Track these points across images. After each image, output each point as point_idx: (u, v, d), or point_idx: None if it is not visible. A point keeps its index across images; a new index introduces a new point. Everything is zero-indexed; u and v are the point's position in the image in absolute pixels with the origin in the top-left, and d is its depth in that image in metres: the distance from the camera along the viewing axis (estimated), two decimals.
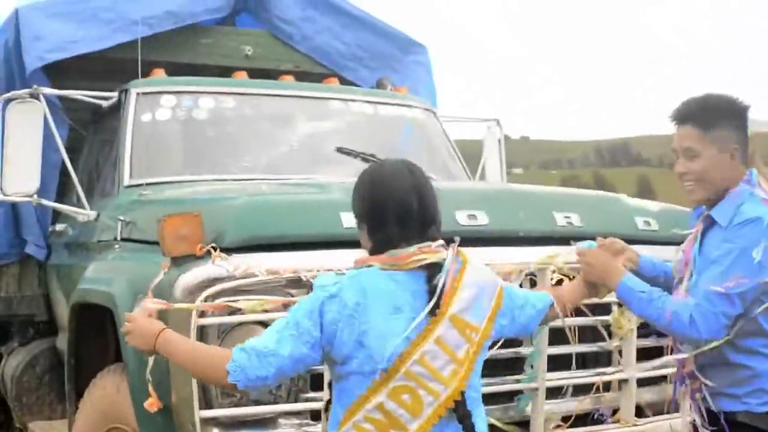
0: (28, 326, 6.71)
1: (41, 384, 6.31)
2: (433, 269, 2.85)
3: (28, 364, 6.33)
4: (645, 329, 4.29)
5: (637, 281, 3.40)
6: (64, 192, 6.07)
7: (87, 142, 6.22)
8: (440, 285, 2.83)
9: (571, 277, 3.93)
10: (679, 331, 3.28)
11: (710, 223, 3.37)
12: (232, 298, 3.45)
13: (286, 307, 3.34)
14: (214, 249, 3.53)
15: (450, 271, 2.86)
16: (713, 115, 3.35)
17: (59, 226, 6.03)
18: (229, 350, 2.80)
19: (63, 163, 5.75)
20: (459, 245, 2.97)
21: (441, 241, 2.92)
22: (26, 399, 6.28)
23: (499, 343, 3.69)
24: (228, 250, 3.58)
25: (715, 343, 3.24)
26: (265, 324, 3.53)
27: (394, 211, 2.88)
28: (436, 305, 2.81)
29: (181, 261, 3.56)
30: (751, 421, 3.27)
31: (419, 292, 2.84)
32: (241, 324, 3.52)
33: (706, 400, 3.36)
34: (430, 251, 2.87)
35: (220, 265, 3.46)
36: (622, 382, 4.22)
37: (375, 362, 2.77)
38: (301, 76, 6.51)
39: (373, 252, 2.91)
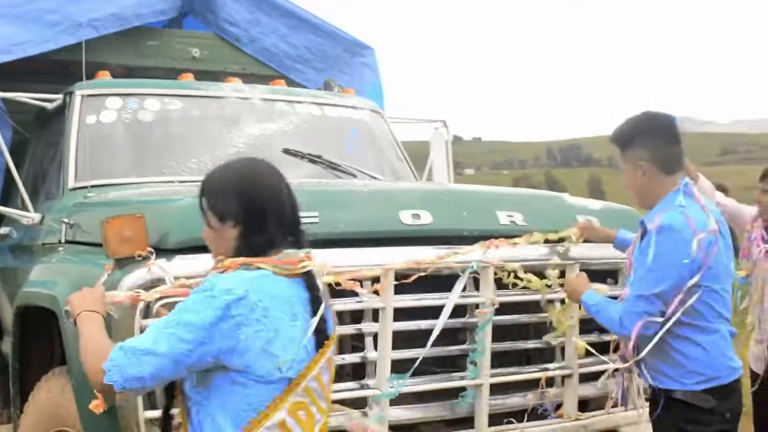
0: None
1: None
2: (309, 278, 2.78)
3: None
4: (587, 326, 4.36)
5: (594, 297, 3.87)
6: (7, 195, 5.99)
7: (31, 145, 6.15)
8: (321, 297, 2.78)
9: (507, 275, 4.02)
10: (616, 331, 3.82)
11: (645, 229, 3.71)
12: (175, 300, 3.44)
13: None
14: (152, 252, 3.52)
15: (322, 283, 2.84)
16: (627, 136, 3.84)
17: (3, 230, 5.93)
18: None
19: (6, 166, 5.71)
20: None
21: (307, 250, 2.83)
22: None
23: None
24: (171, 251, 3.59)
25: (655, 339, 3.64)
26: None
27: (275, 212, 2.77)
28: (322, 321, 2.74)
29: (124, 263, 3.55)
30: (687, 398, 3.67)
31: (304, 301, 2.75)
32: None
33: (645, 378, 3.79)
34: (309, 257, 2.80)
35: (159, 268, 3.45)
36: (566, 378, 4.28)
37: (280, 370, 2.65)
38: (249, 79, 6.49)
39: (246, 254, 2.74)
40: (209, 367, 2.64)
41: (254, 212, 2.75)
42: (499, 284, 4.08)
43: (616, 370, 4.02)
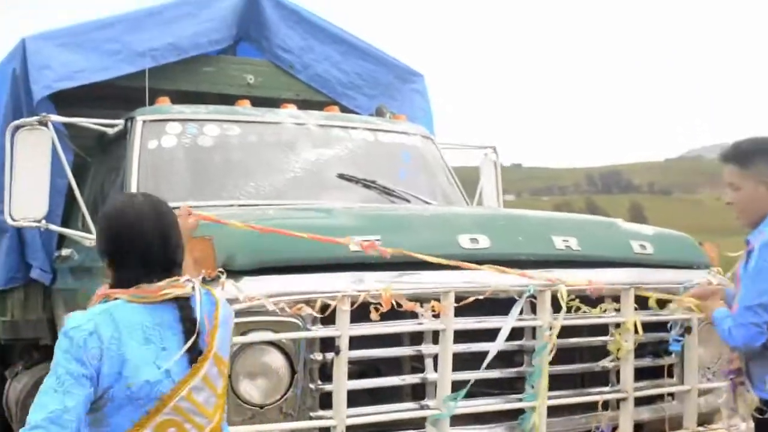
0: (32, 350, 6.79)
1: None
2: (183, 303, 2.89)
3: (33, 386, 6.40)
4: (642, 350, 4.42)
5: (720, 311, 4.02)
6: (67, 217, 6.17)
7: (91, 168, 6.33)
8: (199, 322, 2.89)
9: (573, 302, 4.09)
10: (729, 343, 3.99)
11: (751, 246, 3.94)
12: (244, 319, 3.56)
13: None
14: (222, 273, 3.64)
15: (203, 308, 2.93)
16: (749, 153, 4.03)
17: (65, 251, 6.12)
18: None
19: (68, 188, 5.87)
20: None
21: (186, 277, 2.96)
22: None
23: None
24: (238, 273, 3.70)
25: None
26: (274, 344, 3.67)
27: (139, 254, 2.90)
28: (196, 343, 2.86)
29: None
30: None
31: (170, 324, 2.86)
32: (251, 344, 3.63)
33: (754, 390, 3.98)
34: (179, 285, 2.90)
35: (228, 289, 3.56)
36: (621, 401, 4.33)
37: (133, 391, 2.77)
38: (302, 105, 6.62)
39: (118, 286, 2.90)
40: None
41: (117, 253, 2.93)
42: (555, 309, 4.14)
43: (731, 380, 4.18)
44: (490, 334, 4.02)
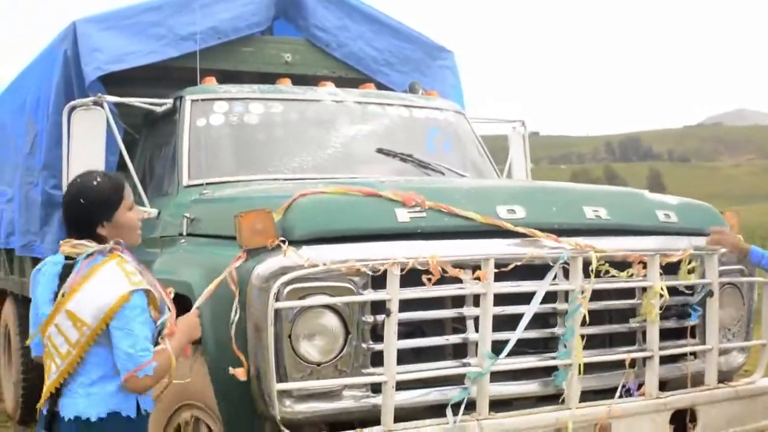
0: None
1: None
2: (69, 261, 3.55)
3: None
4: (667, 312, 4.72)
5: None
6: None
7: (139, 145, 6.63)
8: (68, 280, 3.49)
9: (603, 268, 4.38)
10: None
11: None
12: (302, 285, 3.89)
13: None
14: (284, 242, 3.97)
15: (80, 270, 3.50)
16: None
17: None
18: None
19: (118, 165, 6.20)
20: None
21: (84, 241, 3.57)
22: None
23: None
24: (296, 243, 4.02)
25: None
26: (330, 308, 3.99)
27: (66, 215, 3.68)
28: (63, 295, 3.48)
29: (255, 252, 4.00)
30: None
31: (57, 273, 3.55)
32: (310, 308, 3.96)
33: None
34: (68, 246, 3.58)
35: (290, 257, 3.89)
36: (647, 359, 4.64)
37: (40, 321, 3.54)
38: (338, 81, 6.90)
39: None
40: None
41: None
42: (586, 274, 4.44)
43: None
44: (527, 298, 4.32)
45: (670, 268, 4.72)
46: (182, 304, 4.66)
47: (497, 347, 4.23)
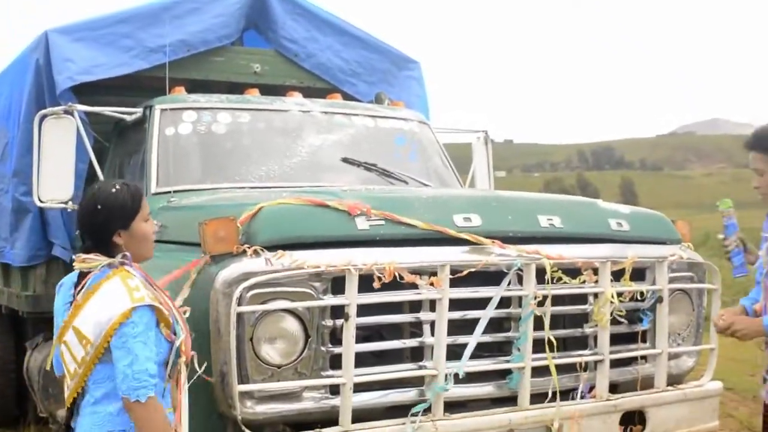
0: (52, 323, 7.20)
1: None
2: (81, 275, 3.48)
3: None
4: (618, 317, 4.89)
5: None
6: None
7: (110, 153, 6.74)
8: (77, 296, 3.43)
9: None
10: None
11: None
12: (264, 290, 4.03)
13: None
14: (249, 247, 4.11)
15: (85, 286, 3.42)
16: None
17: None
18: None
19: (87, 173, 6.31)
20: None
21: (93, 255, 3.47)
22: (52, 389, 6.76)
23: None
24: (259, 249, 4.15)
25: None
26: (291, 312, 4.13)
27: (81, 226, 3.58)
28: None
29: (219, 258, 4.14)
30: None
31: (71, 288, 3.50)
32: (271, 312, 4.09)
33: None
34: (79, 260, 3.49)
35: (252, 263, 4.03)
36: (598, 363, 4.81)
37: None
38: (306, 92, 7.05)
39: None
40: None
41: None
42: (540, 280, 4.60)
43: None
44: (482, 303, 4.49)
45: (622, 275, 4.89)
46: None
47: (453, 350, 4.40)
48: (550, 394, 4.61)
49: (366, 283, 4.15)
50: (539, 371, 4.63)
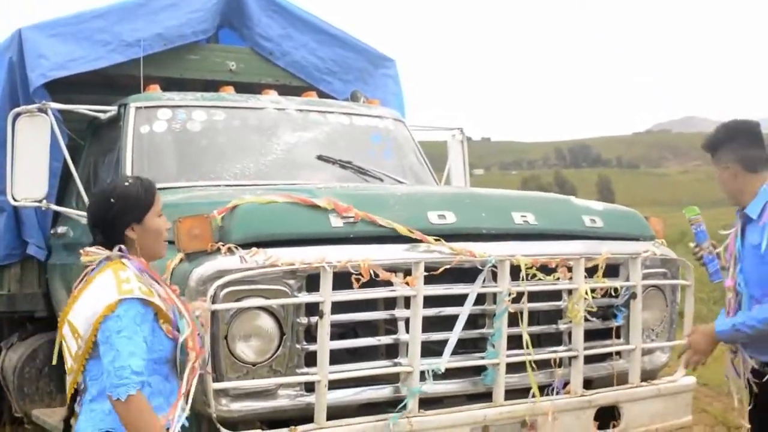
0: (27, 322, 7.18)
1: (41, 375, 6.78)
2: (86, 268, 3.45)
3: (29, 357, 6.81)
4: (593, 314, 4.92)
5: (725, 323, 4.46)
6: (61, 197, 6.56)
7: (84, 151, 6.72)
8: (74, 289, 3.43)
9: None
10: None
11: (747, 219, 4.42)
12: (239, 287, 4.03)
13: None
14: (223, 245, 4.11)
15: (80, 278, 3.43)
16: (714, 143, 4.52)
17: (60, 229, 6.52)
18: None
19: (62, 171, 6.28)
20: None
21: (94, 248, 3.46)
22: (27, 389, 6.77)
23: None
24: (234, 247, 4.15)
25: None
26: (265, 309, 4.13)
27: (93, 218, 3.56)
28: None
29: (193, 256, 4.14)
30: None
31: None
32: (245, 309, 4.09)
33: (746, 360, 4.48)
34: (84, 252, 3.47)
35: (230, 259, 4.03)
36: (572, 359, 4.84)
37: None
38: (281, 90, 7.06)
39: None
40: None
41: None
42: (515, 277, 4.62)
43: (734, 352, 4.60)
44: (457, 300, 4.51)
45: (596, 272, 4.92)
46: None
47: (427, 347, 4.41)
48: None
49: (340, 280, 4.16)
50: (514, 367, 4.66)
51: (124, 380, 3.16)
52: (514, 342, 4.66)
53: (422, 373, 4.35)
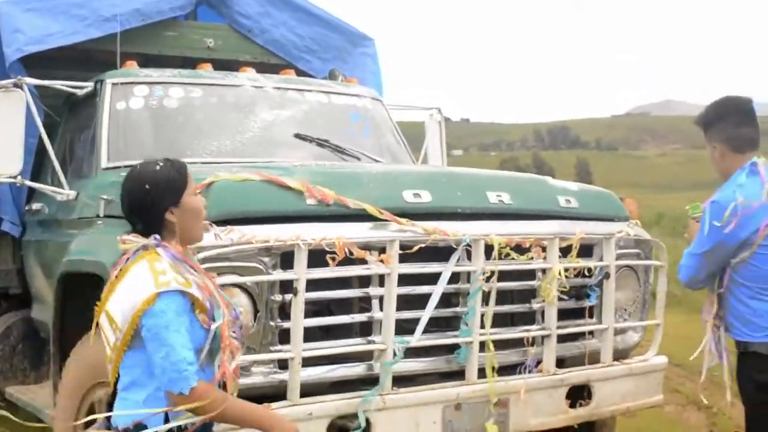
0: (0, 299, 7.16)
1: (15, 352, 6.79)
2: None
3: (3, 334, 6.81)
4: (567, 294, 4.96)
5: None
6: (36, 173, 6.53)
7: (60, 128, 6.68)
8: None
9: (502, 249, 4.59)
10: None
11: None
12: (213, 264, 4.02)
13: None
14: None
15: (115, 268, 3.35)
16: (706, 120, 4.52)
17: (35, 205, 6.48)
18: None
19: (37, 147, 6.25)
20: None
21: (131, 236, 3.39)
22: (1, 366, 6.76)
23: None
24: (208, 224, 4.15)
25: None
26: (240, 287, 4.14)
27: (131, 203, 3.47)
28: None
29: None
30: (753, 348, 4.34)
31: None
32: (221, 286, 4.08)
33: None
34: (122, 240, 3.40)
35: (205, 236, 4.00)
36: (545, 338, 4.88)
37: None
38: (259, 67, 7.03)
39: None
40: None
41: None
42: (489, 256, 4.64)
43: (716, 327, 4.61)
44: (431, 279, 4.53)
45: (570, 252, 4.95)
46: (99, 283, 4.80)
47: (401, 325, 4.44)
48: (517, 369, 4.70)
49: (315, 258, 4.16)
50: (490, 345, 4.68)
51: (184, 373, 3.13)
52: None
53: (395, 350, 4.37)
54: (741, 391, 4.50)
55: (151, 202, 3.36)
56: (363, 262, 4.33)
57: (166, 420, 3.21)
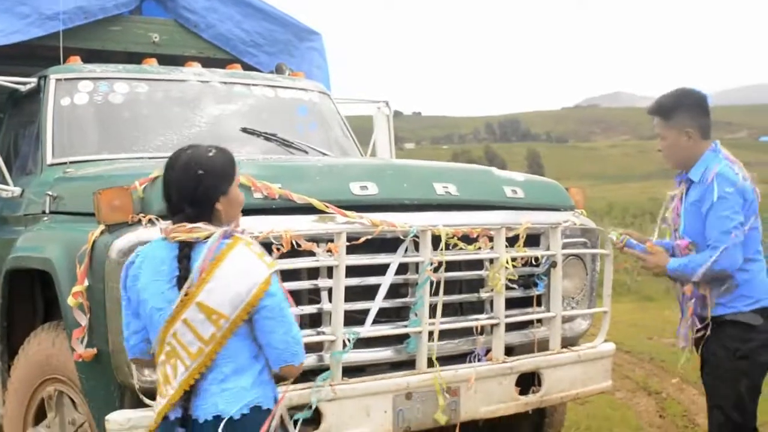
0: None
1: None
2: (184, 246, 3.29)
3: None
4: (514, 282, 5.01)
5: (677, 261, 4.70)
6: None
7: (4, 124, 6.61)
8: (194, 268, 3.24)
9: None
10: (714, 270, 4.54)
11: (690, 182, 4.72)
12: None
13: None
14: (144, 216, 4.10)
15: (206, 257, 3.24)
16: (671, 106, 4.73)
17: None
18: None
19: None
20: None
21: (200, 224, 3.32)
22: None
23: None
24: (156, 218, 4.14)
25: None
26: None
27: (167, 198, 3.43)
28: (189, 287, 3.24)
29: (114, 228, 4.12)
30: (737, 318, 4.59)
31: (172, 261, 3.30)
32: None
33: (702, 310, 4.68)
34: (183, 230, 3.30)
35: (151, 230, 4.01)
36: (494, 327, 4.93)
37: (148, 315, 3.34)
38: (206, 62, 6.99)
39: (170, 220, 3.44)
40: None
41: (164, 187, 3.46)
42: (437, 247, 4.68)
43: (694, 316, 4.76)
44: (379, 270, 4.55)
45: (516, 241, 5.00)
46: (45, 280, 4.77)
47: (350, 316, 4.46)
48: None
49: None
50: (440, 335, 4.71)
51: (302, 344, 3.38)
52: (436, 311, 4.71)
53: (345, 341, 4.39)
54: (714, 363, 4.68)
55: (205, 189, 3.34)
56: (311, 255, 4.34)
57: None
